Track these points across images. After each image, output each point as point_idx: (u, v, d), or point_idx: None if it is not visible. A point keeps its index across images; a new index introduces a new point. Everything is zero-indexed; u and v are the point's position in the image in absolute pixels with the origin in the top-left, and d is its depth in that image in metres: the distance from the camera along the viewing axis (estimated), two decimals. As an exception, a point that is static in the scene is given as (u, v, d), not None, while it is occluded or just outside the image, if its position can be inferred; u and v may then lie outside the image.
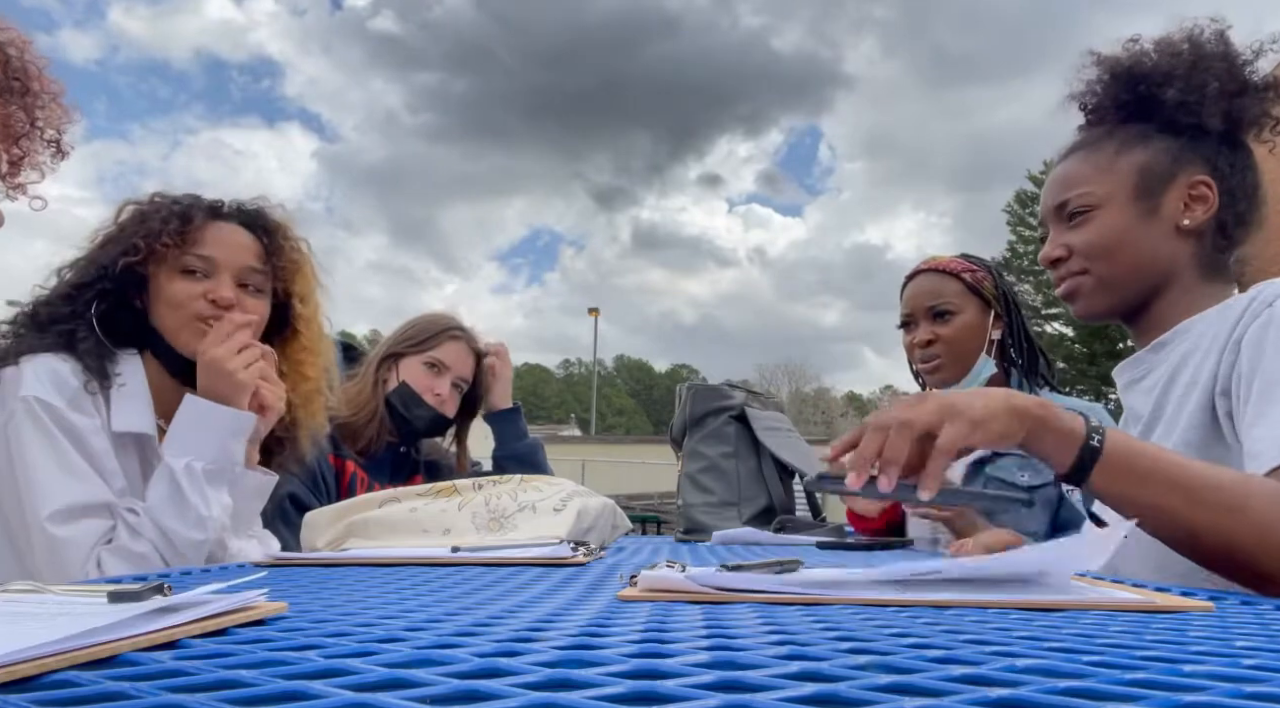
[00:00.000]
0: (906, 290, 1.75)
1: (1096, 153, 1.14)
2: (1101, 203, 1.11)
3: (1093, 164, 1.13)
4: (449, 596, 0.67)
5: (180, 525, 1.10)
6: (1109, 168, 1.11)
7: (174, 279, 1.23)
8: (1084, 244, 1.11)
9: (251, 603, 0.53)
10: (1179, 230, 1.08)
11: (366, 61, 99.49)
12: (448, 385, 1.86)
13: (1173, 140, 1.10)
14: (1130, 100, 1.13)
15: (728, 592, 0.64)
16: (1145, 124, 1.12)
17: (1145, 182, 1.09)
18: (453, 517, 1.22)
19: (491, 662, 0.38)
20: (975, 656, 0.41)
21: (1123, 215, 1.10)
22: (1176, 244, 1.08)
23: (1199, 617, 0.57)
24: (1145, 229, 1.09)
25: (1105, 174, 1.12)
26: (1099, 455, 0.82)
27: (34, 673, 0.35)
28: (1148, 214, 1.09)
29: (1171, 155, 1.09)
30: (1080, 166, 1.14)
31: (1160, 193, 1.08)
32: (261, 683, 0.34)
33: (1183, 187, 1.08)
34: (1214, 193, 1.07)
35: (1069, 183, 1.14)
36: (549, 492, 1.29)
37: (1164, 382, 1.07)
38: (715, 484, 2.21)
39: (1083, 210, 1.12)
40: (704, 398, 2.33)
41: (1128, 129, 1.13)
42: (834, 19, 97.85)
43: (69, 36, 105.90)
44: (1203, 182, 1.07)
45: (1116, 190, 1.10)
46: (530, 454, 1.98)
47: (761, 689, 0.34)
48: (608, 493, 1.45)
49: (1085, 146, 1.15)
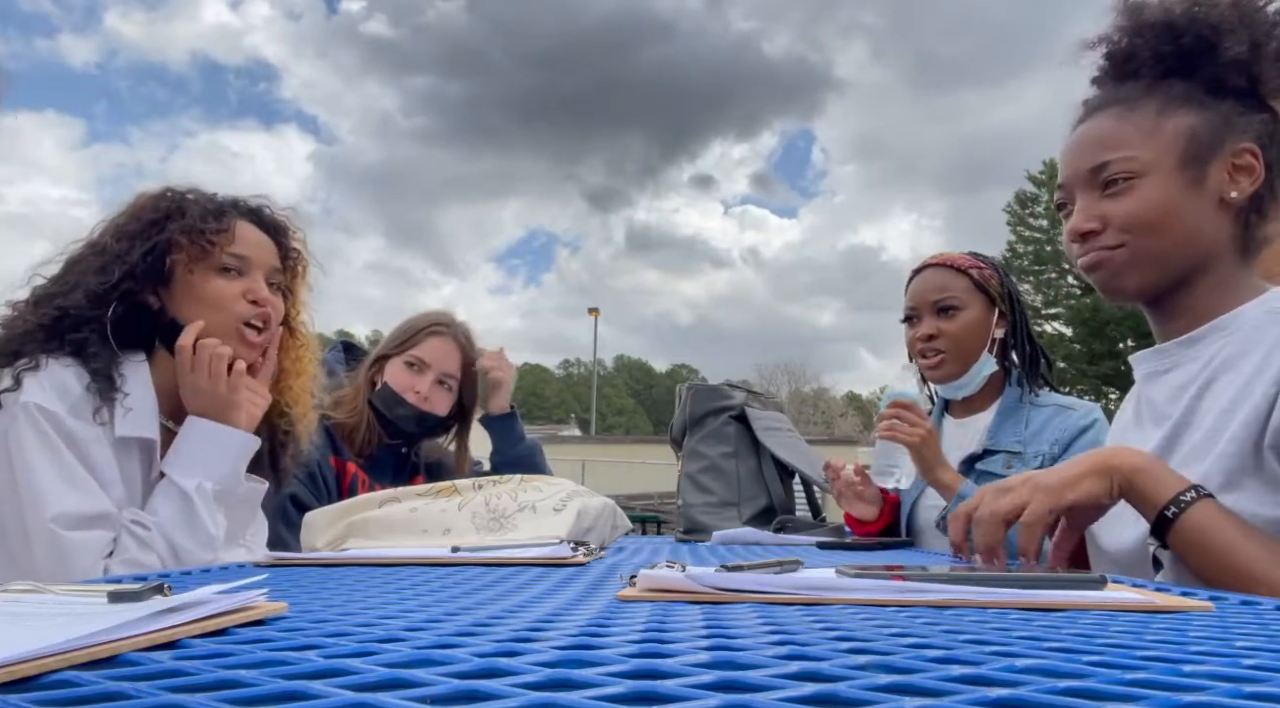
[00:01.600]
0: (912, 285, 1.73)
1: (1135, 112, 1.01)
2: (1145, 170, 0.98)
3: (1134, 124, 1.00)
4: (449, 596, 0.67)
5: (192, 544, 1.10)
6: (1153, 130, 0.99)
7: (210, 277, 1.21)
8: (1126, 216, 0.99)
9: (251, 603, 0.53)
10: (1223, 204, 0.98)
11: (361, 65, 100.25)
12: (429, 383, 1.86)
13: (1219, 103, 0.98)
14: (1171, 53, 1.00)
15: (728, 592, 0.64)
16: (1187, 83, 1.00)
17: (1194, 148, 0.97)
18: (453, 517, 1.22)
19: (491, 662, 0.38)
20: (975, 656, 0.41)
21: (1169, 185, 0.98)
22: (1220, 220, 0.98)
23: (1199, 617, 0.57)
24: (1192, 202, 0.98)
25: (1149, 137, 0.99)
26: (1171, 526, 0.85)
27: (34, 673, 0.35)
28: (1194, 184, 0.98)
29: (1221, 119, 0.98)
30: (1119, 126, 1.01)
31: (1208, 161, 0.97)
32: (261, 683, 0.34)
33: (1228, 156, 0.97)
34: (1260, 164, 0.97)
35: (1107, 143, 1.01)
36: (549, 492, 1.29)
37: (1199, 384, 0.98)
38: (715, 484, 2.21)
39: (1124, 177, 0.99)
40: (704, 398, 2.34)
41: (1168, 86, 1.00)
42: (824, 24, 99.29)
43: (68, 41, 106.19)
44: (1249, 150, 0.97)
45: (1163, 156, 0.98)
46: (528, 456, 1.98)
47: (761, 689, 0.34)
48: (608, 493, 1.45)
49: (1121, 103, 1.02)
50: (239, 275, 1.23)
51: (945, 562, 1.08)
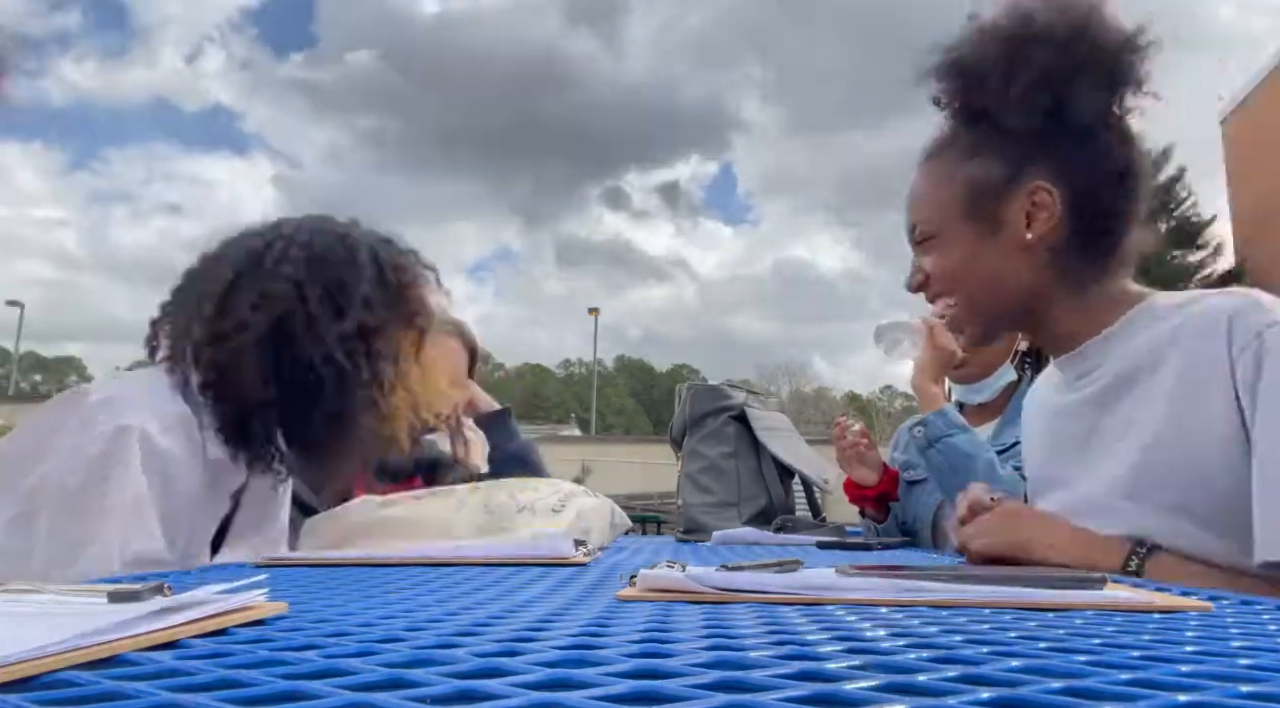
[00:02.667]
0: None
1: (938, 164, 1.03)
2: (938, 229, 1.01)
3: (932, 180, 1.03)
4: (449, 596, 0.67)
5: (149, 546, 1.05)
6: (945, 184, 1.01)
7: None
8: (935, 271, 1.02)
9: (251, 603, 0.53)
10: (1026, 245, 0.96)
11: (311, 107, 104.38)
12: None
13: (1010, 143, 0.96)
14: (959, 95, 0.99)
15: (728, 592, 0.64)
16: (981, 126, 0.98)
17: (975, 199, 0.98)
18: (452, 519, 1.22)
19: (491, 662, 0.38)
20: (974, 655, 0.41)
21: (959, 239, 0.99)
22: (1029, 259, 0.97)
23: (1197, 617, 0.57)
24: (988, 250, 0.98)
25: (940, 192, 1.01)
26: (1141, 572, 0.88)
27: (33, 673, 0.35)
28: (989, 233, 0.98)
29: (1009, 162, 0.97)
30: (921, 183, 1.04)
31: (996, 209, 0.97)
32: (261, 683, 0.34)
33: (1024, 196, 0.96)
34: (1055, 199, 0.95)
35: (913, 203, 1.05)
36: (547, 492, 1.29)
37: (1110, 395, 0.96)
38: (715, 484, 2.21)
39: (926, 236, 1.03)
40: (704, 398, 2.34)
41: (973, 132, 0.99)
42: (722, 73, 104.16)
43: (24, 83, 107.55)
44: (1041, 187, 0.95)
45: (950, 211, 1.00)
46: (525, 454, 1.98)
47: (762, 689, 0.34)
48: (607, 493, 1.45)
49: (930, 156, 1.04)
50: None
51: (945, 562, 1.09)
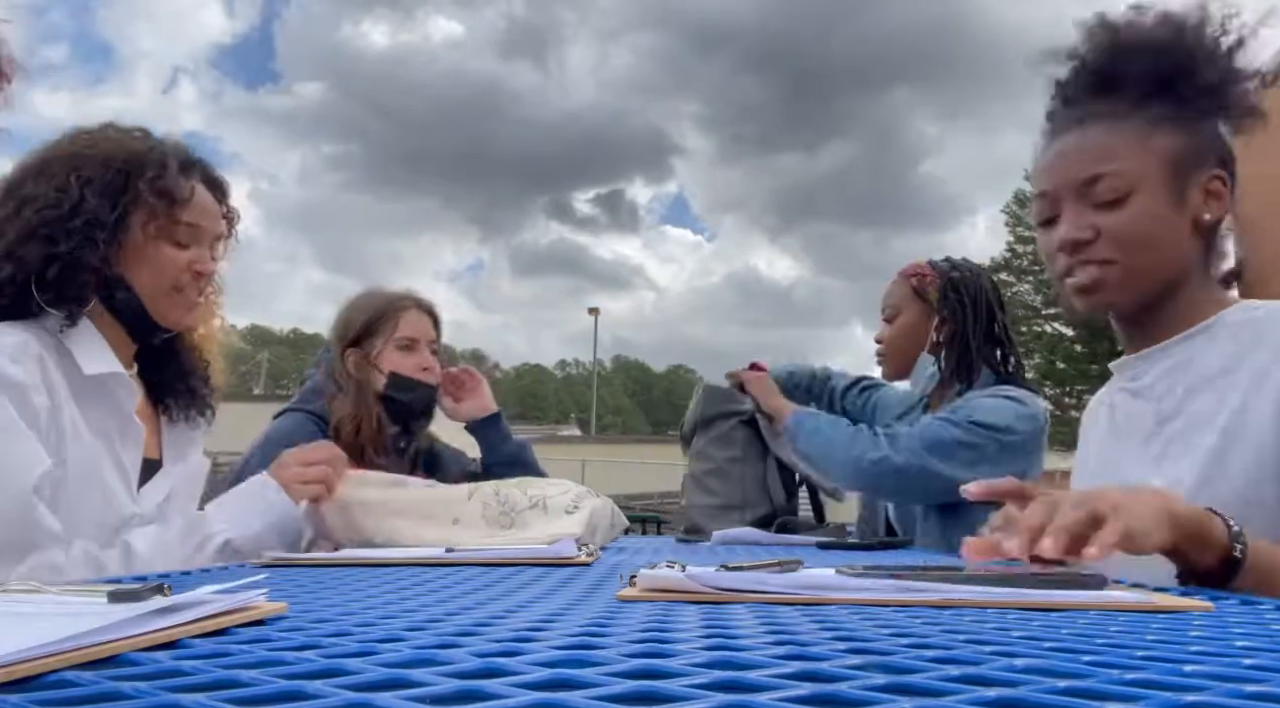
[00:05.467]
0: None
1: (1124, 125, 1.01)
2: (1137, 186, 0.99)
3: (1124, 138, 1.00)
4: (449, 595, 0.67)
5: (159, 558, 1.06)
6: (1142, 146, 0.99)
7: (161, 245, 1.15)
8: (1119, 230, 0.99)
9: (251, 603, 0.53)
10: (1196, 225, 0.99)
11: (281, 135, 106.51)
12: (426, 355, 1.86)
13: (1197, 126, 1.00)
14: (1150, 74, 1.01)
15: (728, 592, 0.64)
16: (1166, 104, 1.00)
17: (1178, 168, 0.99)
18: (461, 505, 1.22)
19: (491, 662, 0.38)
20: (974, 655, 0.41)
21: (1157, 202, 0.99)
22: (1193, 240, 1.00)
23: (1199, 617, 0.57)
24: (1175, 220, 0.99)
25: (1139, 153, 0.99)
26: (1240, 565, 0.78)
27: (34, 673, 0.35)
28: (1177, 204, 0.99)
29: (1199, 143, 1.00)
30: (1110, 139, 1.01)
31: (1188, 182, 0.99)
32: (261, 683, 0.34)
33: (1203, 179, 0.99)
34: (1228, 190, 1.00)
35: (1099, 155, 1.00)
36: (555, 492, 1.29)
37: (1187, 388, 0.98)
38: (720, 487, 2.20)
39: (1117, 190, 0.99)
40: (715, 400, 2.32)
41: (1151, 105, 1.01)
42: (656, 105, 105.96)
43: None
44: (1219, 177, 1.00)
45: (1152, 173, 0.99)
46: (519, 454, 1.97)
47: (761, 689, 0.34)
48: (607, 493, 1.45)
49: (1109, 117, 1.02)
50: (190, 245, 1.18)
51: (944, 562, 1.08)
